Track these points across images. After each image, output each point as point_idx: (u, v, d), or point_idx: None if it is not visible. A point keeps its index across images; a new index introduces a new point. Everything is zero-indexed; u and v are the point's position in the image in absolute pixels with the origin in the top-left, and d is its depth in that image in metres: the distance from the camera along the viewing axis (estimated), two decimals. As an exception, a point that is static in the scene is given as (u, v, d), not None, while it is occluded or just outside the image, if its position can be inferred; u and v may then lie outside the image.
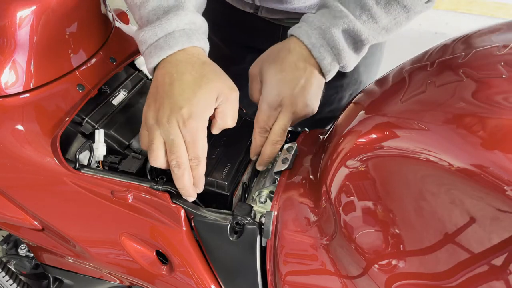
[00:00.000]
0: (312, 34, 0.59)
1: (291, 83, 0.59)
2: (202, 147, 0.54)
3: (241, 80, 0.62)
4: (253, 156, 0.62)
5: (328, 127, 0.62)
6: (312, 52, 0.59)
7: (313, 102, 0.62)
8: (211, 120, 0.56)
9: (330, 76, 0.62)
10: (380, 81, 0.53)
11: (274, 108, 0.60)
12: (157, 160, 0.54)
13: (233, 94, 0.56)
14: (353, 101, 0.55)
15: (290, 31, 0.63)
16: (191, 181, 0.54)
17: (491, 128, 0.37)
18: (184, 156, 0.53)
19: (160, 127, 0.53)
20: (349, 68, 0.63)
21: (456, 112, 0.40)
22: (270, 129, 0.60)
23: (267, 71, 0.61)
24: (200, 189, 0.56)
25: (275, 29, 0.85)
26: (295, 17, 0.80)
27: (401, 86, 0.48)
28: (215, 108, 0.55)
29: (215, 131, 0.58)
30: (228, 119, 0.57)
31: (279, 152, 0.61)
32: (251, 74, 0.64)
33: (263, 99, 0.61)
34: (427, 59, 0.49)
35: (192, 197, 0.56)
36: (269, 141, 0.60)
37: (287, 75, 0.59)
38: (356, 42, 0.60)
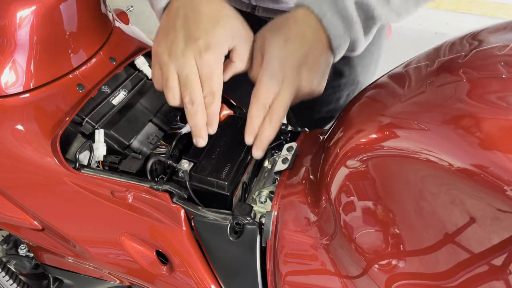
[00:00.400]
0: (323, 2, 0.53)
1: (297, 53, 0.53)
2: (218, 83, 0.50)
3: (240, 81, 0.59)
4: (249, 138, 0.55)
5: (327, 127, 0.62)
6: (322, 21, 0.53)
7: (319, 79, 0.56)
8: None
9: (339, 55, 0.57)
10: (380, 81, 0.53)
11: (275, 82, 0.53)
12: (176, 99, 0.51)
13: (250, 35, 0.53)
14: (353, 101, 0.55)
15: (297, 1, 0.56)
16: (204, 120, 0.51)
17: (491, 128, 0.37)
18: (198, 92, 0.49)
19: (174, 61, 0.49)
20: (357, 51, 0.57)
21: (456, 112, 0.40)
22: (269, 107, 0.53)
23: (270, 41, 0.54)
24: (214, 129, 0.52)
25: None
26: None
27: (401, 86, 0.48)
28: (230, 49, 0.52)
29: (229, 74, 0.54)
30: (244, 60, 0.53)
31: (279, 152, 0.60)
32: (254, 47, 0.56)
33: (264, 71, 0.53)
34: (427, 59, 0.49)
35: (202, 141, 0.52)
36: (268, 119, 0.53)
37: (293, 44, 0.53)
38: (367, 18, 0.54)
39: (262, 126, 0.54)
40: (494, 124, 0.37)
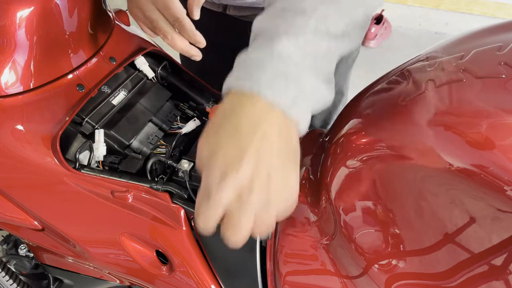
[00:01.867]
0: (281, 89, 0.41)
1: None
2: (176, 8, 0.55)
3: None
4: None
5: (328, 128, 0.62)
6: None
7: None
8: (207, 120, 0.55)
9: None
10: (380, 81, 0.53)
11: None
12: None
13: None
14: (353, 101, 0.55)
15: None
16: (186, 42, 0.56)
17: (491, 128, 0.37)
18: (164, 25, 0.55)
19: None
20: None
21: (456, 112, 0.40)
22: None
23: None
24: (202, 42, 0.57)
25: (244, 26, 0.85)
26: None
27: (400, 86, 0.48)
28: None
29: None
30: None
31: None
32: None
33: None
34: (426, 59, 0.49)
35: (197, 57, 0.58)
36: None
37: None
38: (329, 81, 0.44)
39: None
40: (494, 124, 0.37)
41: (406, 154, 0.41)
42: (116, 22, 0.73)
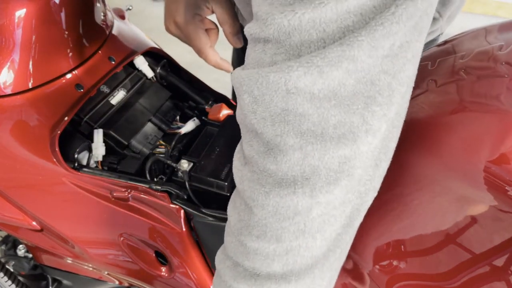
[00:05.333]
0: None
1: None
2: (199, 42, 0.57)
3: None
4: None
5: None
6: None
7: None
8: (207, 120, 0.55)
9: None
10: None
11: None
12: None
13: None
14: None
15: None
16: (215, 56, 0.58)
17: (492, 128, 0.37)
18: (197, 50, 0.59)
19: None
20: None
21: (456, 112, 0.40)
22: None
23: None
24: (228, 70, 0.59)
25: None
26: None
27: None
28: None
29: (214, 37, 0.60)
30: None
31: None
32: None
33: None
34: (428, 59, 0.49)
35: (229, 71, 0.59)
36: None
37: None
38: None
39: None
40: (495, 124, 0.37)
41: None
42: (115, 21, 0.73)
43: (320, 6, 0.28)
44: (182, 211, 0.55)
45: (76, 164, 0.59)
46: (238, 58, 0.97)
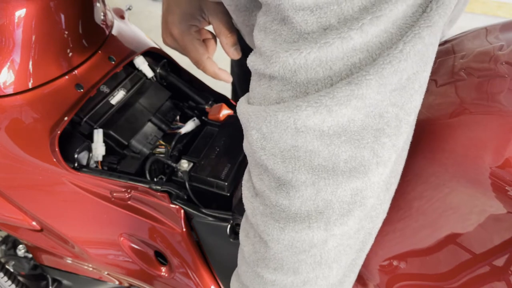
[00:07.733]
0: None
1: None
2: (196, 54, 0.57)
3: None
4: None
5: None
6: None
7: None
8: (207, 120, 0.55)
9: None
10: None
11: None
12: None
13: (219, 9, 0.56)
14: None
15: None
16: (214, 66, 0.57)
17: (492, 128, 0.37)
18: (193, 61, 0.58)
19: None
20: None
21: (457, 112, 0.40)
22: None
23: None
24: (228, 80, 0.58)
25: None
26: None
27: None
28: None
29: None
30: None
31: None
32: None
33: None
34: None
35: (227, 81, 0.58)
36: None
37: None
38: None
39: None
40: (495, 124, 0.37)
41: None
42: (115, 21, 0.73)
43: (325, 45, 0.28)
44: (182, 211, 0.55)
45: (76, 164, 0.59)
46: (238, 64, 0.96)
